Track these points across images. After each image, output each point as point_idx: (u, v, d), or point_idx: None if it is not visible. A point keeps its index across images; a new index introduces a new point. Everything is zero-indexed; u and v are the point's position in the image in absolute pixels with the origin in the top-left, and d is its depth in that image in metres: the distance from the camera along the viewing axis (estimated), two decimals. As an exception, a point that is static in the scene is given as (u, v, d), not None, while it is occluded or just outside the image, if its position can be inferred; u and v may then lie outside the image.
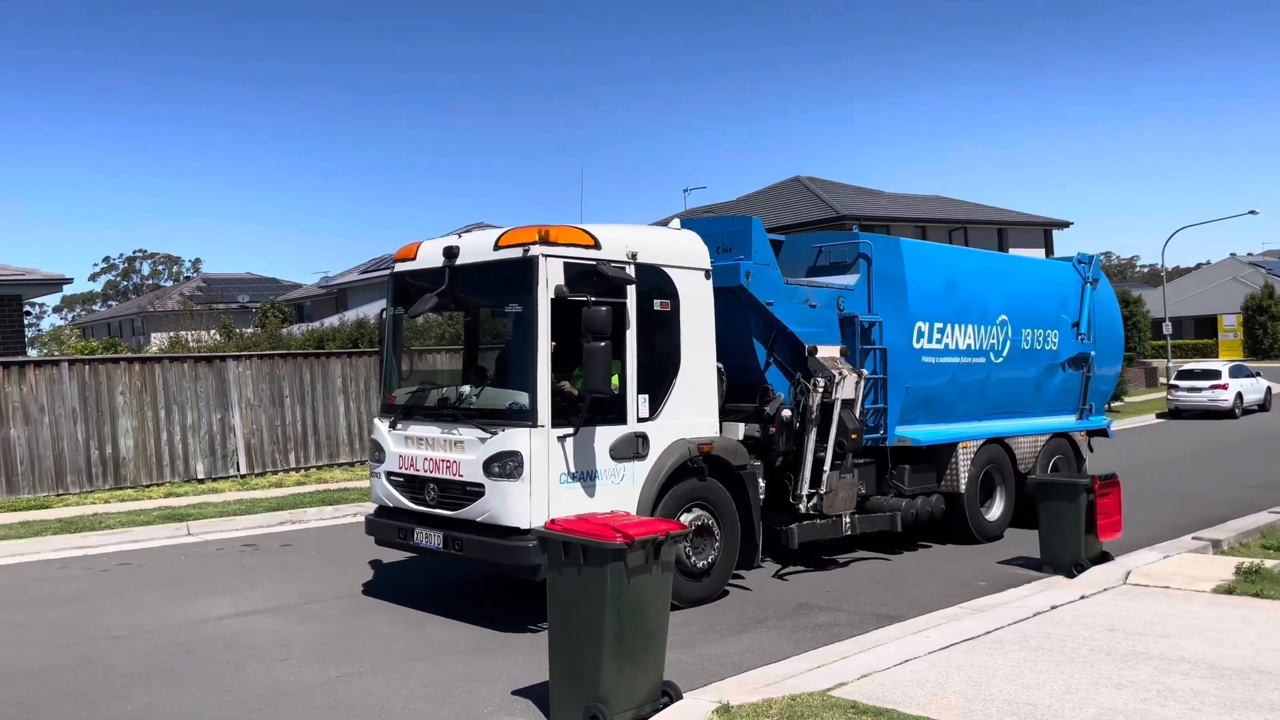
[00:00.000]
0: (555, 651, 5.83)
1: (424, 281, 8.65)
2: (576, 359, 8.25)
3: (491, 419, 7.99)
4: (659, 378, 8.55)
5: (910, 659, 6.68)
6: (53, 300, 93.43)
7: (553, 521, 6.13)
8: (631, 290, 8.25)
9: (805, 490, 9.69)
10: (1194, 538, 11.04)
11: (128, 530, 12.89)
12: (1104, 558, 9.99)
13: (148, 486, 16.63)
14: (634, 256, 8.31)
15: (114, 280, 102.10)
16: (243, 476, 17.76)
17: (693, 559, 8.48)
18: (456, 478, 8.06)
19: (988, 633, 7.31)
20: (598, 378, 7.55)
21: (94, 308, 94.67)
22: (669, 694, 5.93)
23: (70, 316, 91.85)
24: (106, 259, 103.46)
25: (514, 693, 6.51)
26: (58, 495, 15.83)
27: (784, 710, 5.63)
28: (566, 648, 5.74)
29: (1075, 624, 7.55)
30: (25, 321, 20.77)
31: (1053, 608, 8.06)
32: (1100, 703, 5.84)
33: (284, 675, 6.98)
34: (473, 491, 7.92)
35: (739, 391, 10.07)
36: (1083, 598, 8.42)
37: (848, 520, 10.05)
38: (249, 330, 34.90)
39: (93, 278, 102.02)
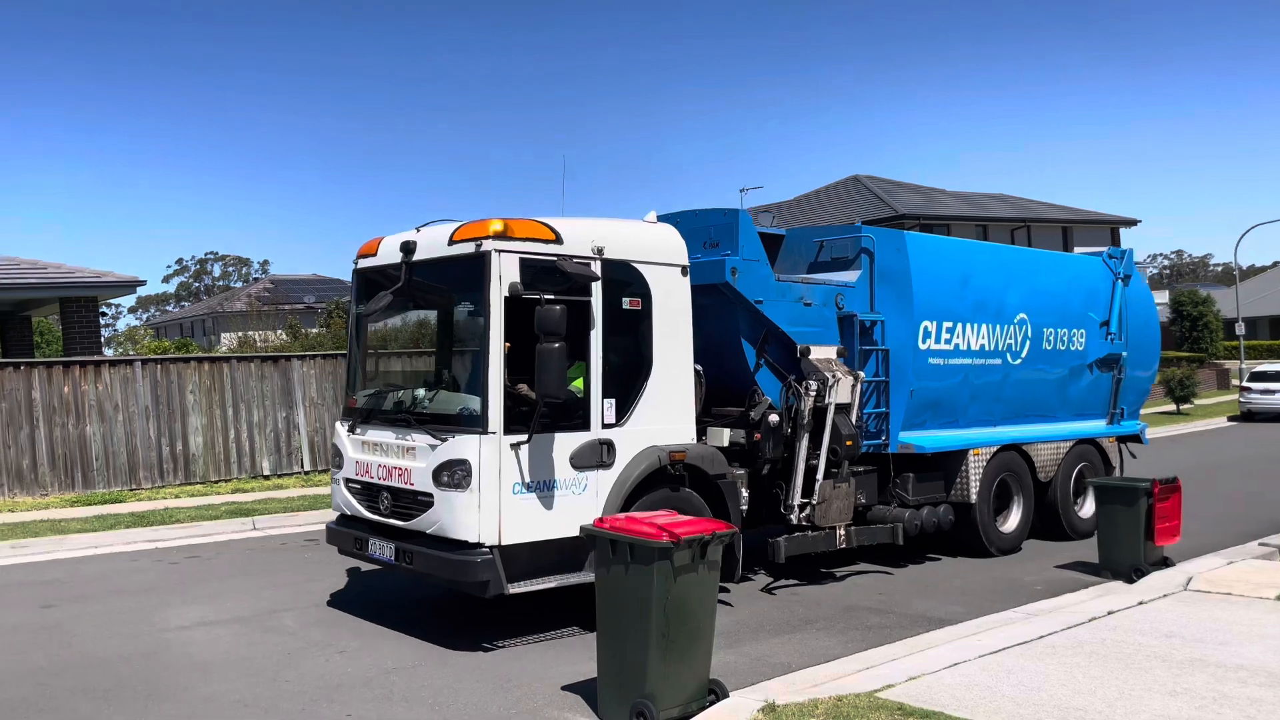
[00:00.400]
0: (603, 648, 5.81)
1: (383, 278, 8.12)
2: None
3: (442, 425, 7.34)
4: (628, 381, 7.85)
5: (960, 662, 6.44)
6: (128, 301, 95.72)
7: (601, 519, 6.11)
8: (597, 287, 7.65)
9: (797, 500, 9.03)
10: (1260, 543, 10.46)
11: (196, 524, 13.00)
12: (1164, 563, 9.50)
13: (216, 482, 16.78)
14: (600, 252, 7.75)
15: (186, 281, 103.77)
16: (306, 473, 17.77)
17: (662, 573, 7.92)
18: (408, 486, 7.45)
19: (1040, 637, 7.00)
20: (551, 382, 7.01)
21: (167, 308, 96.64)
22: (715, 692, 5.84)
23: (145, 317, 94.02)
24: (179, 261, 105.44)
25: (564, 688, 6.47)
26: (130, 490, 16.06)
27: (830, 711, 5.48)
28: (614, 644, 5.71)
29: (1131, 630, 7.19)
30: (102, 322, 21.33)
31: (1109, 613, 7.69)
32: (1153, 709, 5.55)
33: (341, 667, 6.98)
34: (423, 501, 7.28)
35: (728, 395, 9.42)
36: (1141, 603, 7.99)
37: (842, 533, 9.36)
38: (314, 330, 35.12)
39: (166, 279, 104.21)
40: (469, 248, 7.28)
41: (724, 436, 8.97)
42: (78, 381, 15.90)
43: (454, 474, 7.06)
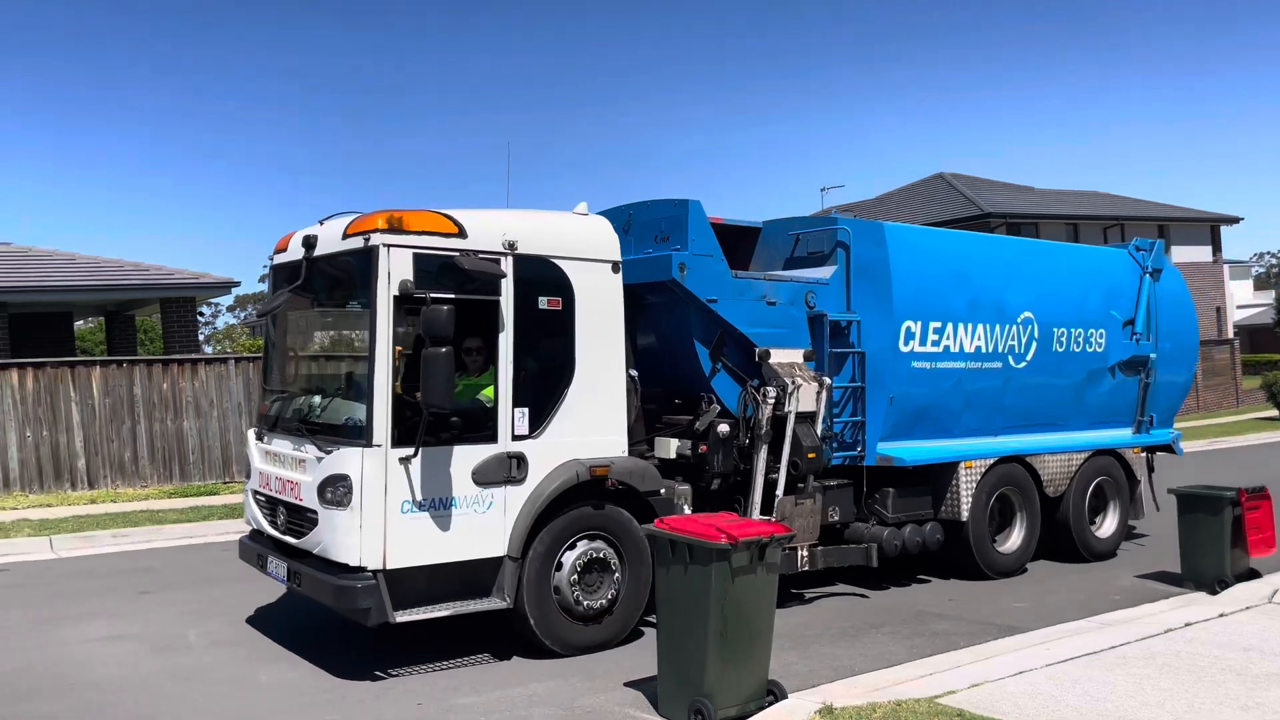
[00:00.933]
0: (663, 646, 5.87)
1: (289, 274, 7.65)
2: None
3: (330, 436, 6.72)
4: (545, 388, 7.12)
5: (1025, 671, 6.31)
6: (226, 300, 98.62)
7: (661, 520, 6.08)
8: (507, 286, 6.94)
9: (755, 518, 8.28)
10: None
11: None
12: (1251, 575, 9.02)
13: (303, 477, 17.01)
14: (512, 246, 7.04)
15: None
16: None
17: (580, 598, 6.98)
18: (298, 501, 6.81)
19: (1112, 648, 6.82)
20: (436, 390, 6.32)
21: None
22: (774, 693, 5.82)
23: (242, 315, 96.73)
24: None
25: (625, 684, 6.46)
26: (224, 483, 16.49)
27: (887, 715, 5.44)
28: (673, 643, 5.77)
29: (1208, 642, 6.94)
30: (202, 320, 22.03)
31: (1186, 625, 7.45)
32: (1221, 723, 5.28)
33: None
34: (310, 519, 6.64)
35: (683, 402, 8.77)
36: (1221, 615, 7.70)
37: (805, 554, 8.46)
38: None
39: (262, 279, 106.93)
40: (358, 242, 6.65)
41: (671, 448, 8.20)
42: (175, 378, 16.52)
43: (336, 490, 6.45)
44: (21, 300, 18.06)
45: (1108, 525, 10.79)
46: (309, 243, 7.12)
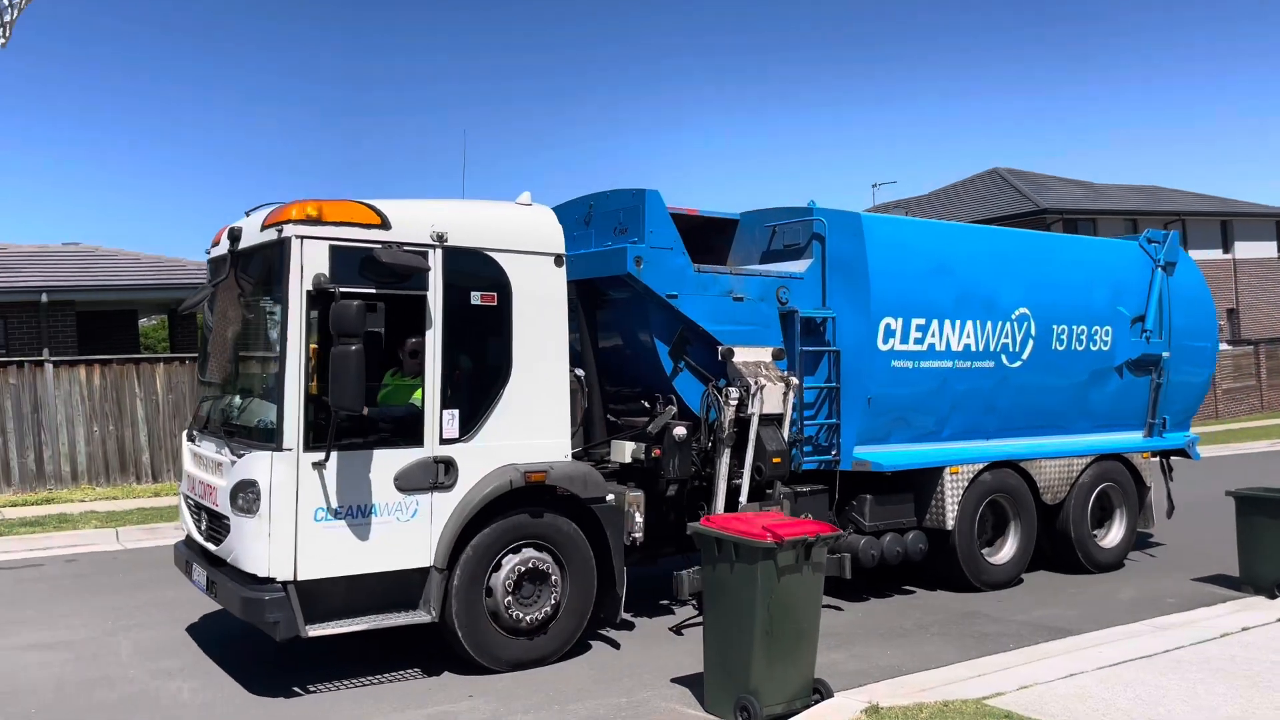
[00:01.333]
0: (709, 643, 5.90)
1: (216, 269, 7.32)
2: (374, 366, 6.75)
3: (245, 439, 6.38)
4: (479, 389, 6.70)
5: (1076, 673, 6.22)
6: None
7: (709, 518, 6.10)
8: (435, 280, 6.50)
9: None
10: None
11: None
12: None
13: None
14: (441, 238, 6.62)
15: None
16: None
17: (515, 611, 6.56)
18: (214, 507, 6.47)
19: (1166, 651, 6.73)
20: (345, 391, 5.90)
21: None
22: (820, 691, 5.82)
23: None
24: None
25: (673, 680, 6.49)
26: None
27: (934, 715, 5.42)
28: (720, 640, 5.80)
29: (1265, 647, 6.83)
30: None
31: (1243, 629, 7.32)
32: (1275, 728, 5.17)
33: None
34: (226, 525, 6.31)
35: (649, 405, 8.29)
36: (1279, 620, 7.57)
37: None
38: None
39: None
40: (273, 234, 6.29)
41: (626, 451, 7.75)
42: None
43: (245, 496, 6.08)
44: (88, 299, 18.22)
45: (1114, 534, 10.14)
46: (234, 235, 6.78)
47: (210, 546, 6.64)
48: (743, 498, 7.74)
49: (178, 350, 23.16)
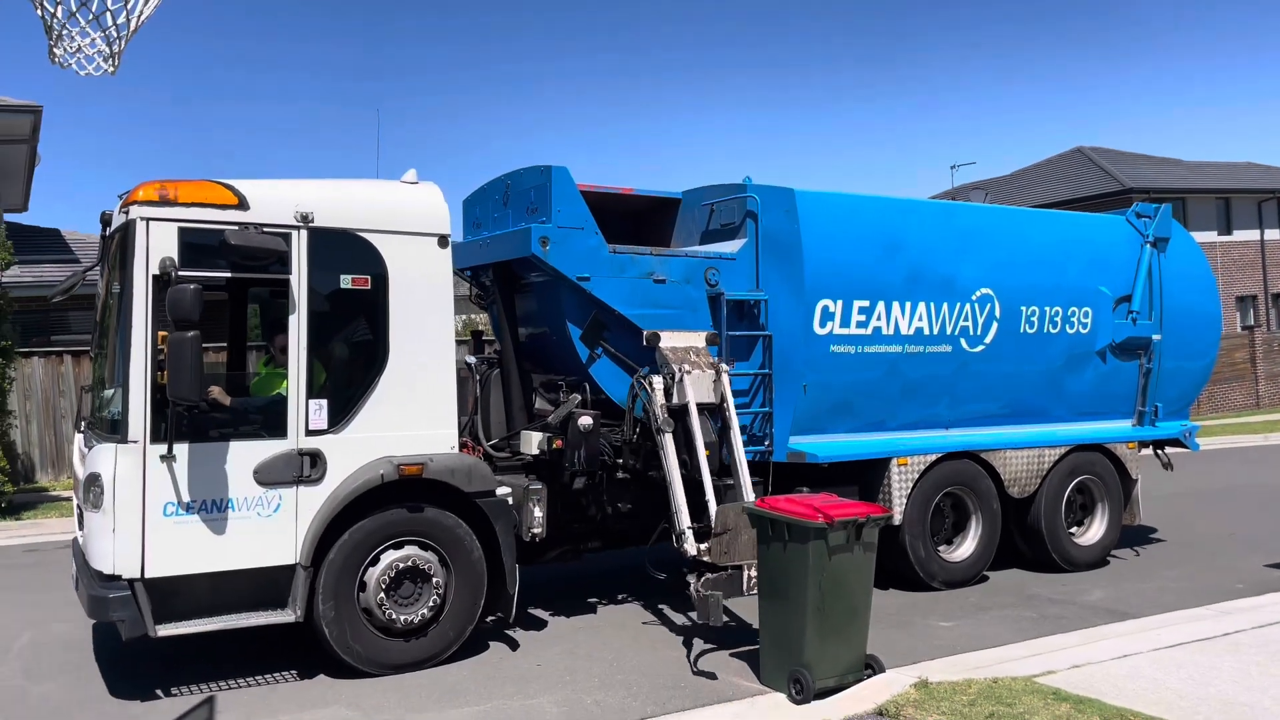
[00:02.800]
0: (765, 619, 6.08)
1: (99, 254, 7.07)
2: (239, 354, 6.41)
3: (99, 430, 6.16)
4: (351, 378, 6.29)
5: (1130, 654, 6.27)
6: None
7: (763, 500, 6.28)
8: (298, 262, 6.10)
9: (684, 525, 7.17)
10: None
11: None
12: None
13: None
14: (306, 219, 6.21)
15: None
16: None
17: (389, 611, 6.16)
18: (79, 503, 6.43)
19: (1225, 634, 6.69)
20: (181, 379, 5.50)
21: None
22: (872, 666, 5.97)
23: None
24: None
25: (730, 654, 6.65)
26: None
27: (983, 691, 5.52)
28: (775, 617, 5.98)
29: None
30: None
31: None
32: (1328, 711, 5.11)
33: None
34: (83, 521, 6.27)
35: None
36: None
37: (751, 574, 6.59)
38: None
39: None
40: (122, 216, 5.98)
41: (534, 443, 7.30)
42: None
43: (92, 491, 5.79)
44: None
45: (1093, 531, 9.38)
46: (104, 220, 6.50)
47: (82, 543, 6.38)
48: (710, 497, 6.98)
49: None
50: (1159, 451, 10.28)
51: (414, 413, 6.44)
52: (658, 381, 7.25)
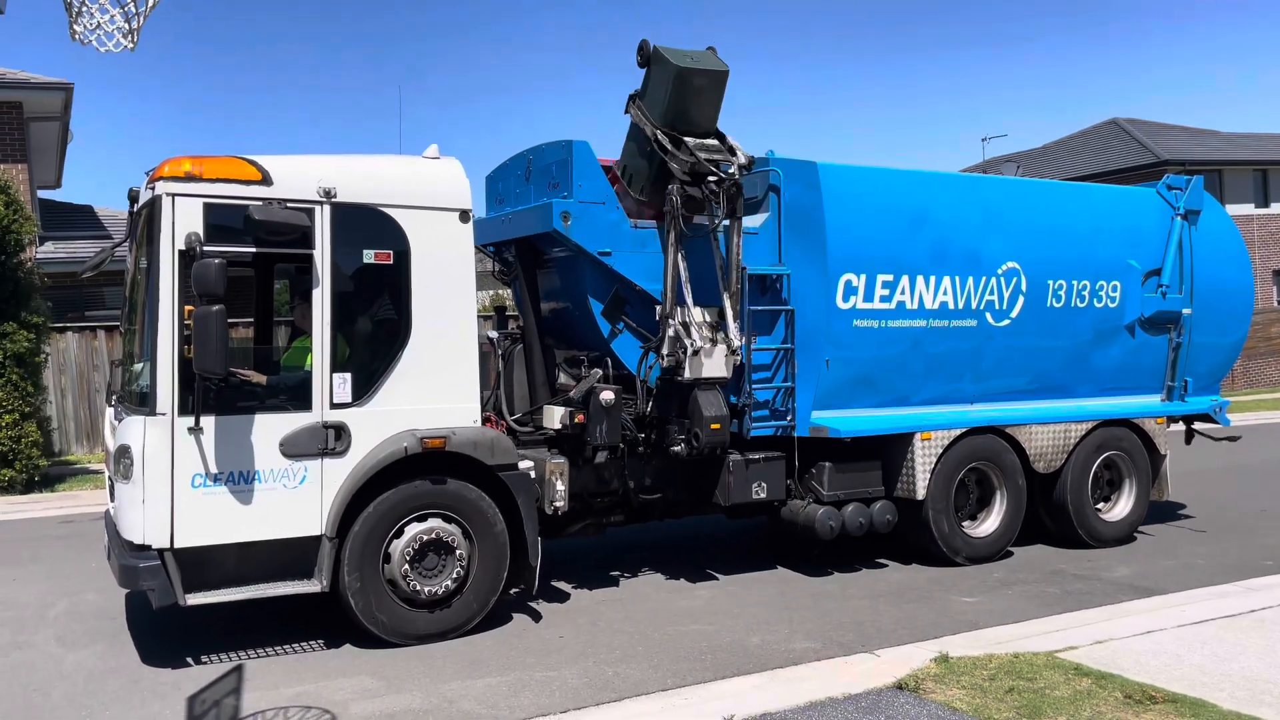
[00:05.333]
0: None
1: (128, 229, 7.14)
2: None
3: (129, 404, 6.26)
4: (374, 352, 6.34)
5: (1154, 630, 6.25)
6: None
7: None
8: (322, 238, 6.15)
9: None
10: None
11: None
12: None
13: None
14: (330, 194, 6.25)
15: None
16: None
17: (413, 582, 6.23)
18: (111, 474, 6.54)
19: (1251, 611, 6.65)
20: (208, 352, 5.57)
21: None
22: None
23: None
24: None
25: (752, 630, 6.66)
26: None
27: (1003, 666, 5.53)
28: None
29: None
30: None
31: None
32: (1351, 687, 5.10)
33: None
34: (114, 492, 6.38)
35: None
36: None
37: None
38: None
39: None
40: (149, 193, 6.05)
41: (556, 417, 7.33)
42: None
43: (122, 463, 5.89)
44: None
45: (1120, 507, 9.31)
46: (132, 196, 6.58)
47: (111, 512, 6.50)
48: None
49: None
50: (1192, 427, 10.17)
51: (437, 386, 6.49)
52: (665, 356, 7.28)
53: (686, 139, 7.25)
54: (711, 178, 7.21)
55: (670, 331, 7.31)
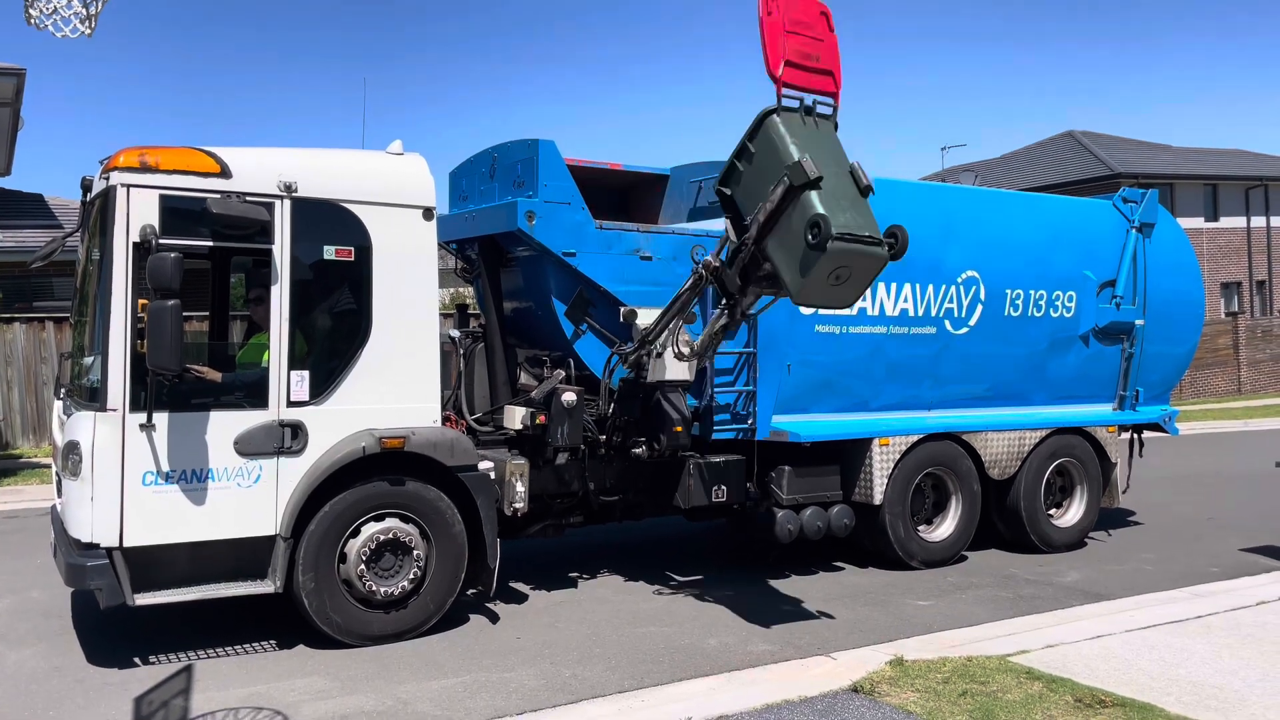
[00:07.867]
0: None
1: (79, 220, 7.01)
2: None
3: (79, 398, 6.10)
4: (333, 350, 6.26)
5: (1104, 635, 6.35)
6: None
7: None
8: (281, 233, 6.06)
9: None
10: None
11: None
12: None
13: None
14: (290, 188, 6.16)
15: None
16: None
17: (369, 583, 6.15)
18: (59, 470, 6.40)
19: (1198, 617, 6.79)
20: (160, 349, 5.44)
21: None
22: None
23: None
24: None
25: (709, 630, 6.82)
26: None
27: (957, 669, 5.60)
28: None
29: None
30: None
31: None
32: (1295, 693, 5.20)
33: None
34: (61, 488, 6.24)
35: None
36: None
37: None
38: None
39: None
40: (103, 183, 5.92)
41: (517, 418, 7.29)
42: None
43: (70, 459, 5.76)
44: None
45: (1071, 513, 9.44)
46: (85, 185, 6.43)
47: (59, 508, 6.36)
48: None
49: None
50: (1135, 436, 10.34)
51: (397, 385, 6.42)
52: (630, 358, 7.26)
53: None
54: None
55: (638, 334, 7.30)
